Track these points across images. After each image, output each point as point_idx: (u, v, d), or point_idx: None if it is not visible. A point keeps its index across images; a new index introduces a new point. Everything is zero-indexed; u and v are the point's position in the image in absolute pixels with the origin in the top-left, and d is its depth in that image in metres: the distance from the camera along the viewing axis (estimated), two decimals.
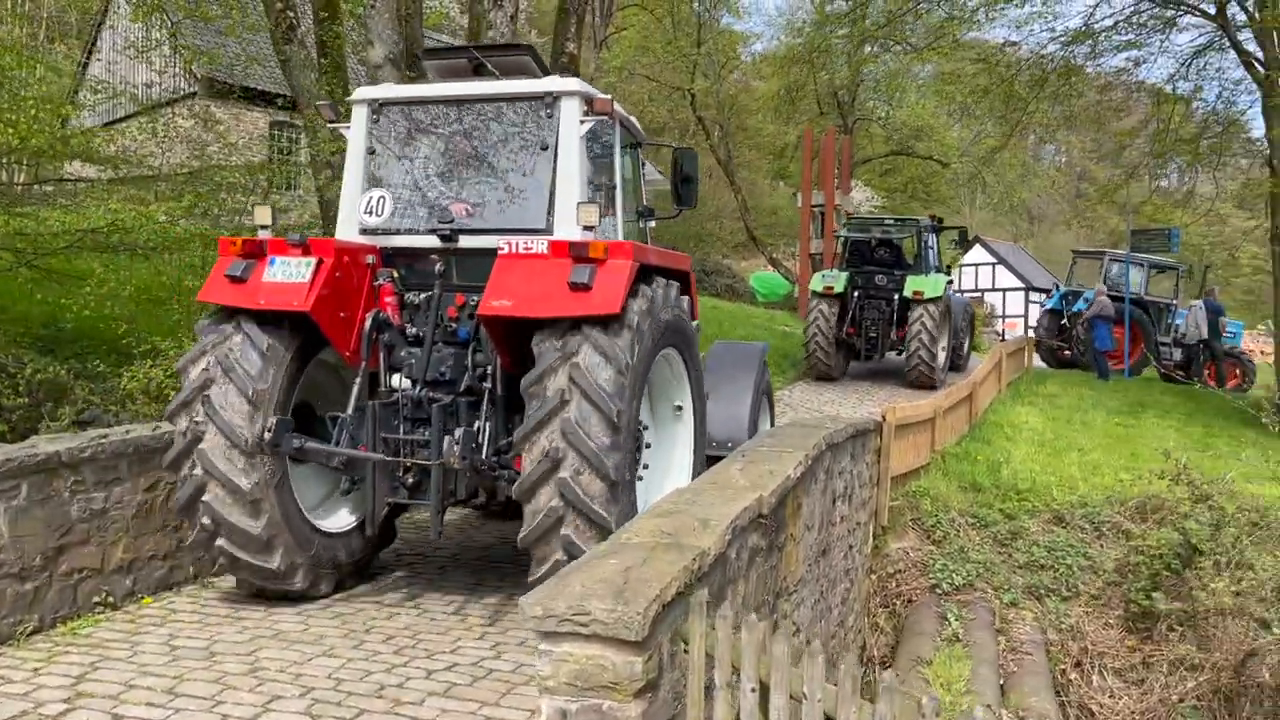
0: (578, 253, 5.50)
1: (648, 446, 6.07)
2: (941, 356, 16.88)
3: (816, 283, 17.61)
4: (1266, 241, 17.47)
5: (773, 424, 8.58)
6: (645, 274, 5.81)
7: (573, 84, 6.21)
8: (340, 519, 6.42)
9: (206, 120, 17.35)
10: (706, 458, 6.69)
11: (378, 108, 6.45)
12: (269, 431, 5.67)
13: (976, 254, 47.00)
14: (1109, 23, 17.78)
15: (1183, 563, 9.90)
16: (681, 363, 6.40)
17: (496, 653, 5.44)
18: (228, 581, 6.45)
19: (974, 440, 13.43)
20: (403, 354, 6.22)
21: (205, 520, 5.73)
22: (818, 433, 6.71)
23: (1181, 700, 9.03)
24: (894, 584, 10.01)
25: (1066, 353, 21.99)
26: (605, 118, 6.26)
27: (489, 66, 6.47)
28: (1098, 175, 68.58)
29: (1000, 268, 48.35)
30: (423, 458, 5.89)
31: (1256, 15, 15.82)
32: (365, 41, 11.34)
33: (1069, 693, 9.16)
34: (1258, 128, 16.94)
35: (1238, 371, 21.87)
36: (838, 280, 17.27)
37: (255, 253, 5.90)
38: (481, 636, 5.70)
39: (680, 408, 6.56)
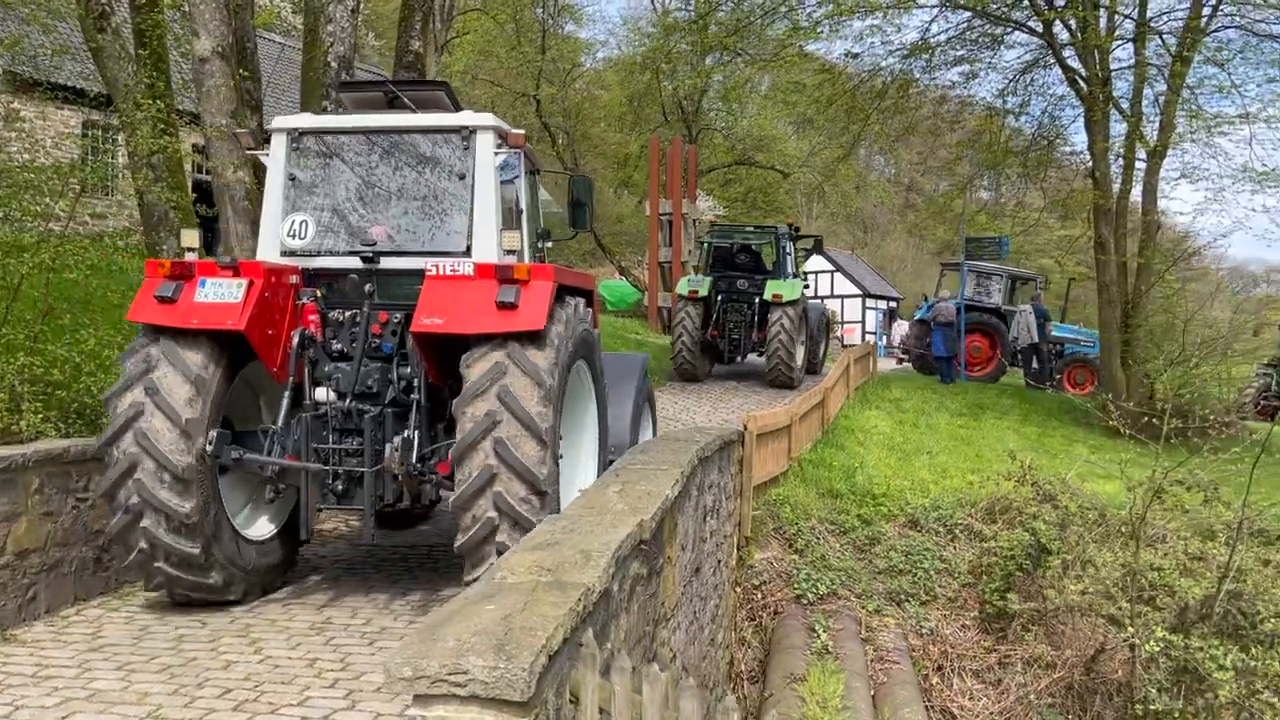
0: (503, 274, 5.94)
1: (560, 457, 6.19)
2: (800, 357, 17.58)
3: (682, 287, 18.14)
4: (1091, 249, 18.40)
5: (655, 431, 8.92)
6: (560, 292, 6.24)
7: (488, 119, 6.66)
8: (261, 527, 6.67)
9: (7, 117, 15.75)
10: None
11: (297, 136, 6.72)
12: (210, 444, 5.95)
13: (816, 262, 48.27)
14: (944, 37, 18.43)
15: (1033, 562, 10.15)
16: (589, 373, 6.91)
17: (351, 703, 4.91)
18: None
19: (828, 446, 13.53)
20: (327, 369, 6.49)
21: (143, 545, 5.91)
22: (690, 448, 6.44)
23: (1037, 698, 9.20)
24: (759, 596, 9.88)
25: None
26: (516, 150, 6.85)
27: (405, 100, 6.87)
28: (925, 186, 72.00)
29: (838, 275, 49.86)
30: (352, 465, 6.26)
31: (1080, 35, 16.64)
32: (190, 33, 10.46)
33: (932, 698, 9.21)
34: (1082, 141, 17.82)
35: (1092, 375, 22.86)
36: (702, 284, 17.80)
37: (184, 274, 6.07)
38: (333, 684, 5.16)
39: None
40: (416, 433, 6.22)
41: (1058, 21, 16.96)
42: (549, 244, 7.89)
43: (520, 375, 5.74)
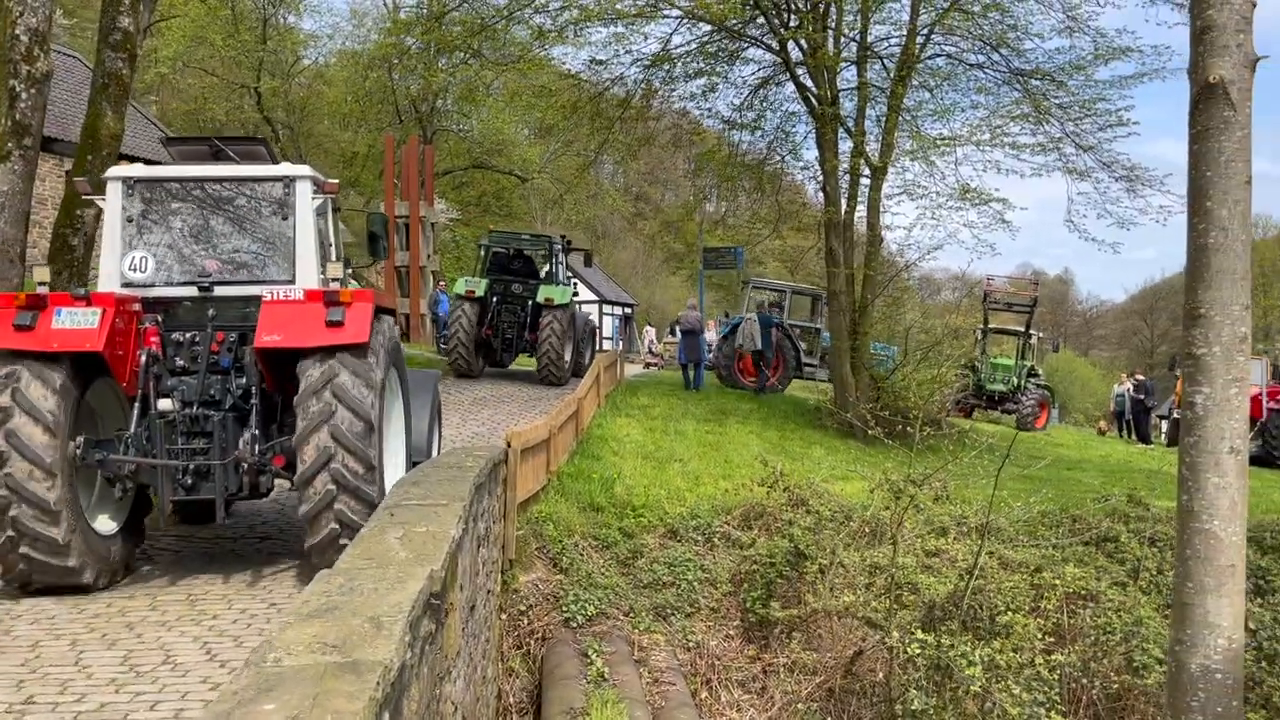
0: (330, 298, 7.07)
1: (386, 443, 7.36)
2: (569, 357, 18.66)
3: (460, 287, 19.17)
4: (822, 259, 19.30)
5: (440, 438, 9.95)
6: (376, 312, 7.31)
7: (306, 171, 7.84)
8: (107, 523, 7.40)
9: None
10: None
11: (133, 184, 7.63)
12: (79, 449, 6.89)
13: None
14: (685, 50, 18.70)
15: (793, 568, 10.33)
16: (397, 379, 8.07)
17: None
18: None
19: (585, 457, 13.26)
20: (170, 382, 7.38)
21: (10, 532, 6.64)
22: (466, 476, 5.87)
23: (802, 704, 9.31)
24: (526, 621, 9.40)
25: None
26: (329, 195, 8.10)
27: (229, 153, 7.96)
28: (653, 195, 74.08)
29: (576, 282, 50.11)
30: (200, 461, 7.21)
31: (811, 55, 17.37)
32: None
33: (703, 713, 9.10)
34: (814, 156, 18.65)
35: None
36: (479, 285, 18.83)
37: (37, 305, 6.88)
38: None
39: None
40: (257, 431, 7.26)
41: (792, 41, 17.61)
42: (349, 271, 8.65)
43: (350, 375, 6.91)
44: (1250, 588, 10.70)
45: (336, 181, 8.16)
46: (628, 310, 52.50)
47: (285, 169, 7.81)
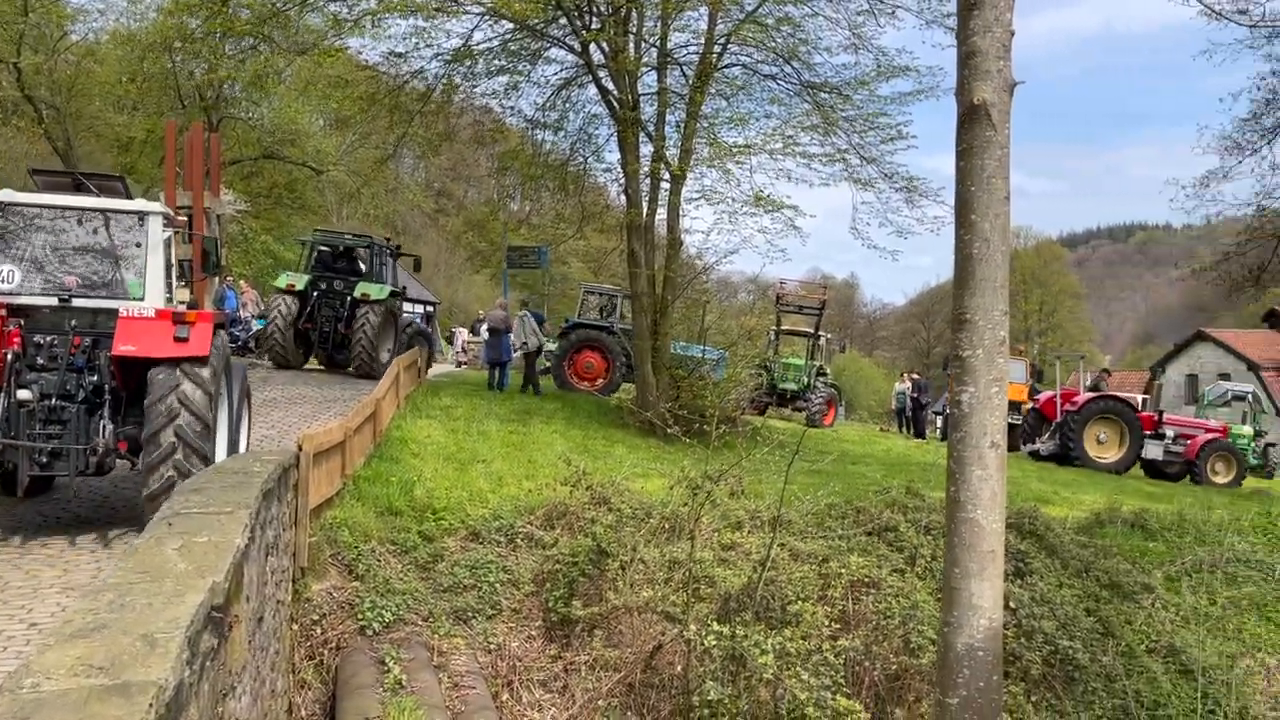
0: (178, 317, 8.41)
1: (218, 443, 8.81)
2: (385, 353, 19.08)
3: (281, 280, 19.99)
4: (624, 261, 19.55)
5: (250, 422, 11.05)
6: (215, 328, 8.71)
7: (158, 207, 9.20)
8: None
9: None
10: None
11: (4, 206, 8.80)
12: None
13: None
14: (487, 47, 18.50)
15: (595, 566, 10.41)
16: (225, 381, 9.27)
17: None
18: None
19: (383, 460, 12.91)
20: (30, 377, 8.48)
21: None
22: (252, 482, 5.59)
23: (601, 700, 9.41)
24: (319, 631, 9.05)
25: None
26: (178, 229, 9.70)
27: (89, 185, 9.23)
28: (455, 192, 72.98)
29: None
30: (57, 444, 8.39)
31: (613, 58, 17.57)
32: None
33: (504, 715, 9.04)
34: (617, 158, 18.86)
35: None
36: (299, 279, 19.61)
37: None
38: None
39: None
40: (109, 422, 8.48)
41: (594, 43, 17.74)
42: (183, 284, 10.17)
43: (192, 384, 8.28)
44: (1011, 570, 11.64)
45: (185, 218, 9.77)
46: (429, 309, 51.47)
47: (140, 205, 9.20)
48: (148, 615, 3.37)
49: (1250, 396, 25.51)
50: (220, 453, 9.07)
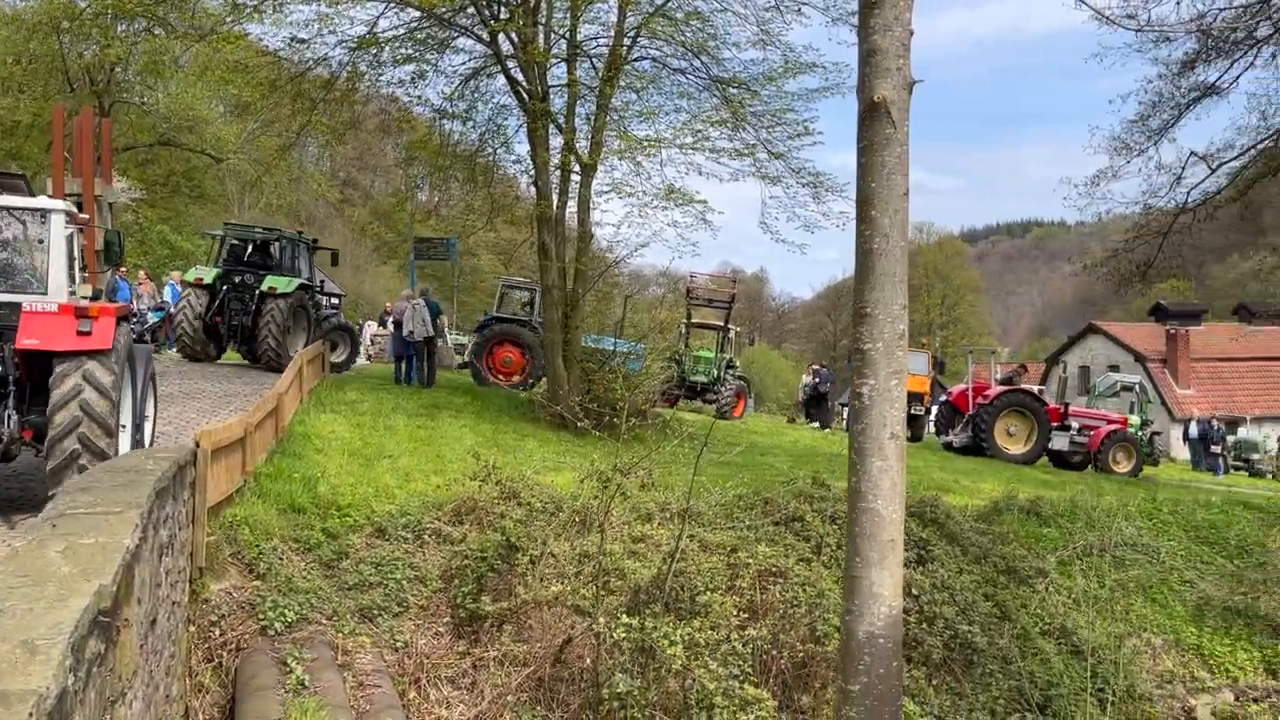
0: (81, 311, 8.60)
1: (123, 428, 9.09)
2: (295, 345, 19.03)
3: (190, 275, 20.16)
4: (535, 253, 19.43)
5: (156, 407, 11.29)
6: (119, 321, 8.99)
7: (60, 204, 9.48)
8: None
9: None
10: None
11: None
12: None
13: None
14: (393, 34, 18.15)
15: (504, 561, 10.34)
16: (130, 372, 9.46)
17: None
18: None
19: (285, 456, 12.61)
20: None
21: None
22: (145, 480, 5.40)
23: (513, 696, 9.35)
24: (217, 632, 8.80)
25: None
26: (80, 226, 9.93)
27: None
28: (362, 182, 71.57)
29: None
30: None
31: (522, 49, 17.42)
32: None
33: (411, 713, 8.92)
34: (526, 150, 18.70)
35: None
36: (208, 273, 19.67)
37: None
38: None
39: None
40: (13, 412, 8.75)
41: (503, 34, 17.56)
42: (85, 275, 10.34)
43: (96, 368, 8.54)
44: (914, 557, 11.95)
45: (88, 217, 9.95)
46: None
47: (43, 202, 9.40)
48: (28, 621, 3.23)
49: (1137, 387, 26.59)
50: (125, 438, 9.29)
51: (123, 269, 24.78)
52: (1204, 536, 15.32)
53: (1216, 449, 30.38)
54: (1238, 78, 19.78)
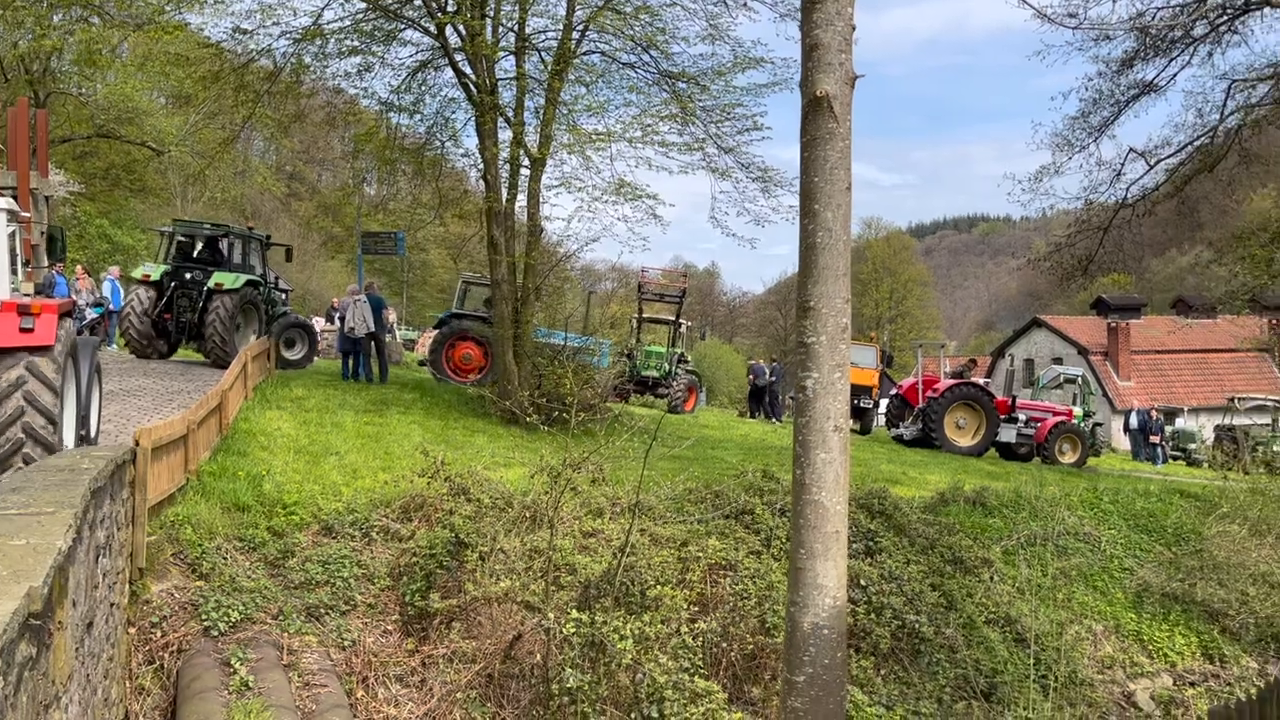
0: (23, 309, 8.66)
1: (68, 423, 9.31)
2: (250, 341, 18.89)
3: (137, 272, 20.13)
4: (484, 248, 19.29)
5: (101, 399, 11.47)
6: (61, 318, 9.10)
7: (3, 203, 9.53)
8: None
9: None
10: None
11: None
12: None
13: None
14: (338, 26, 17.91)
15: (453, 557, 10.27)
16: (74, 366, 9.67)
17: None
18: None
19: (229, 453, 12.42)
20: None
21: None
22: (79, 479, 5.28)
23: (462, 693, 9.30)
24: (159, 634, 8.64)
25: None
26: (21, 224, 9.91)
27: None
28: (308, 176, 70.57)
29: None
30: None
31: (470, 42, 17.27)
32: None
33: (359, 712, 8.83)
34: (475, 143, 18.54)
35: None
36: (155, 270, 19.57)
37: None
38: None
39: None
40: None
41: (450, 26, 17.38)
42: (29, 269, 10.40)
43: (41, 359, 8.71)
44: (862, 548, 12.09)
45: (30, 215, 10.20)
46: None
47: None
48: None
49: (1080, 379, 27.10)
50: (70, 433, 9.50)
51: (59, 264, 24.27)
52: (1143, 525, 15.66)
53: (1155, 439, 31.07)
54: (1175, 76, 20.27)
